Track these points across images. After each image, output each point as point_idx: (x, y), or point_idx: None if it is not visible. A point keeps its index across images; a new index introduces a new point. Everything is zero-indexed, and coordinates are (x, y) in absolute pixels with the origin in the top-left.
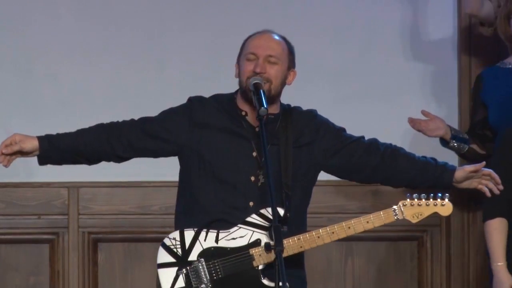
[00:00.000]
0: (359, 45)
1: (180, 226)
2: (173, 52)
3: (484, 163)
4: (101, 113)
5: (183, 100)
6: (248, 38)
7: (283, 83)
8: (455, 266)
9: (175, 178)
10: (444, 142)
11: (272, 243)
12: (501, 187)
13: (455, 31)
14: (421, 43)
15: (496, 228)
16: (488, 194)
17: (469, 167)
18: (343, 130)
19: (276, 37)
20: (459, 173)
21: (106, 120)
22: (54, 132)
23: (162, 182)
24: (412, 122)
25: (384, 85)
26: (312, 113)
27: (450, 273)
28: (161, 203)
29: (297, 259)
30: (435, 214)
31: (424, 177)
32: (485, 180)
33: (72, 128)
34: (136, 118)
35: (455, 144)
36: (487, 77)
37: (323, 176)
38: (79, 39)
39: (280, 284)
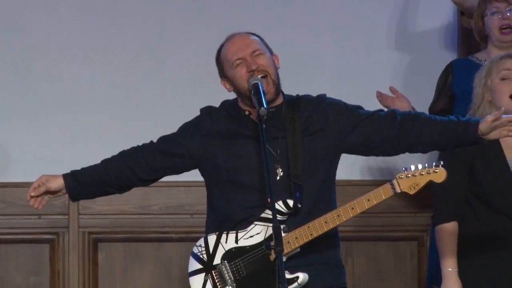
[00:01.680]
0: (360, 45)
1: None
2: (173, 53)
3: (503, 109)
4: (101, 113)
5: (182, 100)
6: (220, 51)
7: (276, 69)
8: None
9: (176, 178)
10: None
11: (272, 243)
12: None
13: (455, 31)
14: (421, 42)
15: (447, 232)
16: None
17: (489, 117)
18: (358, 108)
19: (245, 34)
20: (483, 125)
21: (106, 120)
22: (51, 132)
23: (162, 182)
24: (380, 96)
25: (384, 85)
26: (320, 98)
27: None
28: (161, 203)
29: (329, 241)
30: (430, 182)
31: (448, 137)
32: (508, 126)
33: (72, 129)
34: (135, 117)
35: None
36: (458, 68)
37: None
38: (79, 39)
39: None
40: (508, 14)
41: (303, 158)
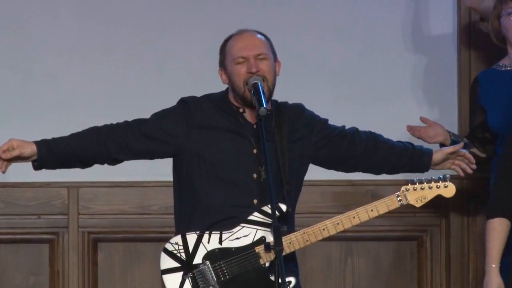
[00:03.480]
0: (360, 45)
1: (183, 229)
2: (173, 52)
3: (462, 144)
4: (101, 113)
5: None
6: (226, 42)
7: (275, 76)
8: (455, 266)
9: None
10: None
11: (272, 243)
12: (474, 166)
13: (455, 29)
14: (421, 42)
15: (495, 228)
16: (461, 174)
17: (448, 149)
18: (327, 121)
19: (257, 35)
20: (437, 156)
21: (106, 120)
22: (51, 132)
23: (162, 182)
24: (412, 129)
25: (385, 85)
26: (301, 107)
27: (449, 273)
28: (161, 203)
29: (290, 254)
30: (439, 196)
31: (403, 162)
32: (458, 160)
33: (72, 128)
34: (134, 117)
35: None
36: (484, 81)
37: (322, 176)
38: (79, 39)
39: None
40: None
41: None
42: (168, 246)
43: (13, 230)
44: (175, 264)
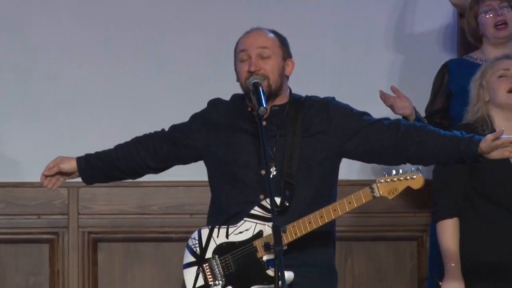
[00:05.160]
0: (360, 45)
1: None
2: (173, 53)
3: (503, 129)
4: (101, 113)
5: (182, 100)
6: (238, 40)
7: (282, 76)
8: None
9: (175, 178)
10: None
11: (271, 243)
12: None
13: (455, 30)
14: (421, 42)
15: (448, 228)
16: None
17: (490, 136)
18: (364, 114)
19: (265, 32)
20: (483, 144)
21: (105, 120)
22: (51, 132)
23: (162, 182)
24: (383, 95)
25: (385, 85)
26: (326, 101)
27: None
28: (161, 203)
29: (321, 243)
30: (408, 188)
31: (450, 152)
32: (510, 147)
33: (72, 129)
34: (135, 117)
35: None
36: (454, 67)
37: None
38: (79, 39)
39: (280, 283)
40: (502, 11)
41: (300, 158)
42: (189, 241)
43: (13, 230)
44: (192, 259)
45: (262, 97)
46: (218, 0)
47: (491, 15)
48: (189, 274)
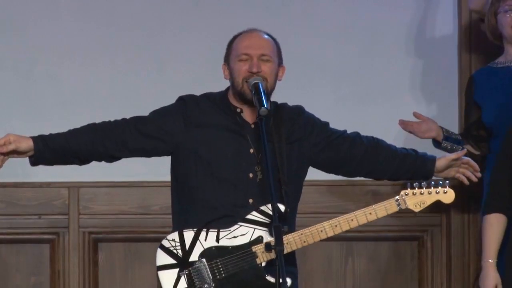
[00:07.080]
0: (360, 45)
1: (180, 227)
2: (173, 52)
3: (465, 150)
4: (101, 113)
5: None
6: (234, 38)
7: (276, 80)
8: (456, 266)
9: None
10: (436, 144)
11: (272, 242)
12: (478, 174)
13: (455, 30)
14: (421, 43)
15: (492, 223)
16: (466, 182)
17: (451, 155)
18: (328, 124)
19: (265, 36)
20: (440, 162)
21: (105, 119)
22: (51, 132)
23: (162, 182)
24: (403, 124)
25: (385, 85)
26: (300, 109)
27: (450, 273)
28: (161, 203)
29: (290, 256)
30: (438, 202)
31: (406, 168)
32: (463, 168)
33: (71, 128)
34: (134, 115)
35: (447, 145)
36: (479, 79)
37: (322, 176)
38: (79, 39)
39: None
40: None
41: (287, 164)
42: (165, 242)
43: (14, 230)
44: (171, 261)
45: (263, 97)
46: (218, 0)
47: (510, 15)
48: (168, 276)
